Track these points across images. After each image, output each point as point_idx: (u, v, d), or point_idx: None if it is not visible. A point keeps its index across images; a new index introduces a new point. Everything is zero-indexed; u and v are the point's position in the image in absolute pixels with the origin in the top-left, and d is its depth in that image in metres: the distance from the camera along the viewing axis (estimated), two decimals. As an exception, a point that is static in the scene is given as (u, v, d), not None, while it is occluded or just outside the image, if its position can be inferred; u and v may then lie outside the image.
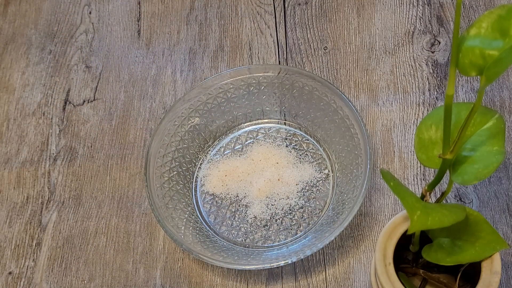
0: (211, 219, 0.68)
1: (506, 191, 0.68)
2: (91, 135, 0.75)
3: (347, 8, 0.82)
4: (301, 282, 0.65)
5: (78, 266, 0.67)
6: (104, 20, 0.84)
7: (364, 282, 0.64)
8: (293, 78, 0.71)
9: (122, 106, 0.77)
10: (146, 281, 0.66)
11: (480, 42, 0.42)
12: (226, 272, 0.66)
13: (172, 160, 0.69)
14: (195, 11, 0.84)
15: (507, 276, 0.64)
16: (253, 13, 0.83)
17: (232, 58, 0.79)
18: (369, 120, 0.74)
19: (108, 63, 0.80)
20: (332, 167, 0.70)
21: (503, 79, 0.75)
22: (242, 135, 0.73)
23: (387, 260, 0.51)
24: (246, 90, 0.72)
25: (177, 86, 0.78)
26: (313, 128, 0.72)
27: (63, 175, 0.73)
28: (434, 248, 0.52)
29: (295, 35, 0.80)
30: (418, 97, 0.75)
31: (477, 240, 0.51)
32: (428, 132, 0.50)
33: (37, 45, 0.82)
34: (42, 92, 0.78)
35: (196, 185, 0.71)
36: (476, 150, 0.49)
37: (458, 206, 0.48)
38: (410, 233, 0.46)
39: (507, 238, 0.66)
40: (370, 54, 0.78)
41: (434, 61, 0.77)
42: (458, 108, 0.50)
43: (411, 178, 0.70)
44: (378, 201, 0.69)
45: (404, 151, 0.71)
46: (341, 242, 0.67)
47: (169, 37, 0.82)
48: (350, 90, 0.76)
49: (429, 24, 0.80)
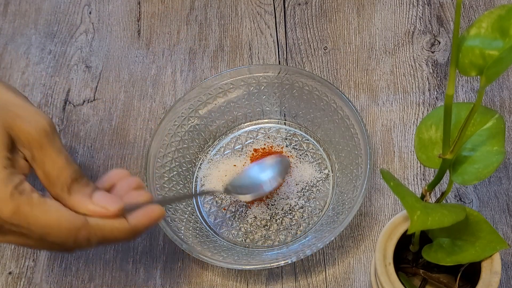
0: (211, 219, 0.68)
1: (506, 191, 0.68)
2: (91, 135, 0.75)
3: (347, 8, 0.82)
4: (301, 282, 0.65)
5: (78, 266, 0.67)
6: (104, 20, 0.84)
7: (364, 282, 0.64)
8: (293, 78, 0.71)
9: (122, 106, 0.77)
10: (146, 281, 0.66)
11: (480, 42, 0.42)
12: (226, 272, 0.66)
13: (172, 160, 0.69)
14: (195, 11, 0.84)
15: (507, 276, 0.64)
16: (253, 13, 0.83)
17: (232, 58, 0.79)
18: (369, 120, 0.74)
19: (108, 63, 0.80)
20: (332, 167, 0.70)
21: (503, 79, 0.75)
22: (242, 135, 0.73)
23: (387, 260, 0.51)
24: (246, 90, 0.72)
25: (177, 86, 0.78)
26: (313, 128, 0.72)
27: (63, 175, 0.73)
28: (434, 248, 0.52)
29: (295, 35, 0.80)
30: (418, 97, 0.75)
31: (477, 240, 0.51)
32: (428, 132, 0.51)
33: (37, 45, 0.82)
34: (42, 92, 0.78)
35: (196, 185, 0.71)
36: (476, 150, 0.49)
37: (458, 206, 0.48)
38: (410, 233, 0.46)
39: (507, 238, 0.66)
40: (370, 54, 0.78)
41: (434, 61, 0.77)
42: (458, 108, 0.50)
43: (411, 178, 0.70)
44: (378, 201, 0.69)
45: (404, 151, 0.71)
46: (341, 242, 0.67)
47: (169, 37, 0.82)
48: (350, 90, 0.76)
49: (429, 24, 0.80)
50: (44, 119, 0.46)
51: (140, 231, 0.50)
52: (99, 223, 0.47)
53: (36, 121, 0.46)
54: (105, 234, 0.48)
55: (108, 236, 0.48)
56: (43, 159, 0.46)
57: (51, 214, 0.44)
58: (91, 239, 0.47)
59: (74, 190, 0.47)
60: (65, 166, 0.47)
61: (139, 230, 0.50)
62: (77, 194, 0.48)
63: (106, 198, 0.49)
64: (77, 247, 0.47)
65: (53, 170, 0.46)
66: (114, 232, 0.48)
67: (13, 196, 0.43)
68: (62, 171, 0.47)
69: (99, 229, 0.47)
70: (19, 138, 0.45)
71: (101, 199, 0.48)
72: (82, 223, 0.46)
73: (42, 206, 0.44)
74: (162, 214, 0.51)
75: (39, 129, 0.46)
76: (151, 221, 0.50)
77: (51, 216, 0.44)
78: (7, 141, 0.44)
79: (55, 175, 0.46)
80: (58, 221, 0.44)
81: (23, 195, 0.44)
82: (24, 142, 0.45)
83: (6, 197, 0.43)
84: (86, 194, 0.48)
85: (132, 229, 0.49)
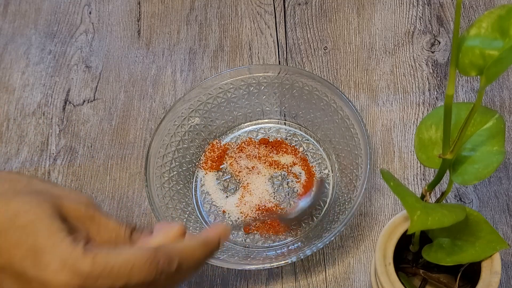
0: (211, 219, 0.68)
1: (506, 191, 0.68)
2: (91, 135, 0.75)
3: (347, 8, 0.82)
4: (301, 282, 0.65)
5: (78, 266, 0.67)
6: (104, 20, 0.84)
7: (364, 282, 0.64)
8: (293, 78, 0.71)
9: (122, 106, 0.77)
10: (146, 281, 0.66)
11: (480, 42, 0.42)
12: (226, 272, 0.66)
13: (172, 160, 0.69)
14: (195, 11, 0.84)
15: (507, 276, 0.64)
16: (253, 13, 0.83)
17: (232, 58, 0.79)
18: (369, 120, 0.74)
19: (108, 63, 0.80)
20: (332, 167, 0.70)
21: (503, 79, 0.75)
22: (242, 135, 0.73)
23: (387, 260, 0.51)
24: (246, 90, 0.72)
25: (177, 86, 0.78)
26: (313, 128, 0.72)
27: (63, 175, 0.73)
28: (434, 248, 0.52)
29: (295, 35, 0.80)
30: (418, 97, 0.75)
31: (477, 240, 0.51)
32: (428, 132, 0.50)
33: (37, 45, 0.82)
34: (42, 92, 0.78)
35: (196, 185, 0.71)
36: (476, 150, 0.49)
37: (458, 206, 0.48)
38: (410, 233, 0.46)
39: (507, 238, 0.66)
40: (370, 54, 0.78)
41: (434, 61, 0.77)
42: (458, 108, 0.50)
43: (411, 178, 0.70)
44: (378, 201, 0.69)
45: (404, 151, 0.71)
46: (341, 242, 0.67)
47: (169, 37, 0.82)
48: (350, 90, 0.76)
49: (429, 24, 0.80)
50: (84, 195, 0.49)
51: (214, 245, 0.50)
52: (171, 245, 0.48)
53: (78, 198, 0.48)
54: (181, 251, 0.48)
55: (186, 254, 0.48)
56: (98, 229, 0.48)
57: (125, 252, 0.45)
58: (172, 259, 0.47)
59: (135, 239, 0.49)
60: (118, 224, 0.48)
61: (212, 244, 0.50)
62: (139, 239, 0.49)
63: (165, 226, 0.50)
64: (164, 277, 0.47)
65: (111, 232, 0.48)
66: (188, 248, 0.48)
67: (86, 251, 0.44)
68: (118, 229, 0.48)
69: (173, 249, 0.48)
70: (70, 216, 0.46)
71: (161, 229, 0.50)
72: (156, 248, 0.47)
73: (115, 250, 0.45)
74: (227, 229, 0.52)
75: (85, 204, 0.47)
76: (219, 233, 0.51)
77: (126, 253, 0.45)
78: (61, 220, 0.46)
79: (114, 236, 0.48)
80: (134, 255, 0.45)
81: (94, 248, 0.45)
82: (74, 219, 0.47)
83: (79, 254, 0.44)
84: (146, 235, 0.49)
85: (203, 242, 0.49)
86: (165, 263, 0.46)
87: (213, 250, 0.51)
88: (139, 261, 0.45)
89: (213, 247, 0.51)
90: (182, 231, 0.50)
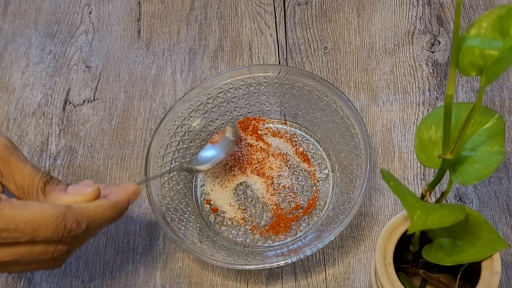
0: (211, 219, 0.68)
1: (506, 191, 0.68)
2: (91, 135, 0.75)
3: (347, 8, 0.82)
4: (301, 282, 0.65)
5: (78, 266, 0.67)
6: (104, 20, 0.84)
7: (364, 282, 0.65)
8: (293, 78, 0.71)
9: (122, 106, 0.77)
10: (146, 281, 0.66)
11: (480, 42, 0.42)
12: (226, 272, 0.66)
13: (172, 160, 0.69)
14: (195, 11, 0.84)
15: (507, 276, 0.64)
16: (253, 13, 0.83)
17: (232, 58, 0.79)
18: (369, 120, 0.74)
19: (108, 63, 0.80)
20: (332, 167, 0.70)
21: (503, 79, 0.75)
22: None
23: (387, 260, 0.51)
24: (246, 90, 0.72)
25: (177, 86, 0.78)
26: (313, 128, 0.72)
27: (63, 175, 0.73)
28: (434, 248, 0.52)
29: (295, 35, 0.80)
30: (418, 97, 0.75)
31: (477, 240, 0.51)
32: (428, 132, 0.51)
33: (37, 45, 0.82)
34: (42, 92, 0.78)
35: (196, 185, 0.71)
36: (476, 150, 0.49)
37: (458, 206, 0.48)
38: (410, 233, 0.46)
39: (507, 238, 0.66)
40: (370, 54, 0.78)
41: (434, 61, 0.77)
42: (458, 108, 0.50)
43: (411, 178, 0.70)
44: (378, 201, 0.69)
45: (404, 151, 0.71)
46: (341, 242, 0.67)
47: (169, 37, 0.82)
48: (350, 90, 0.76)
49: (429, 24, 0.80)
50: (2, 137, 0.49)
51: (123, 207, 0.53)
52: (82, 205, 0.50)
53: None
54: (90, 214, 0.49)
55: (95, 215, 0.50)
56: (12, 172, 0.48)
57: (33, 208, 0.46)
58: (80, 221, 0.48)
59: (48, 191, 0.50)
60: (34, 172, 0.49)
61: (121, 206, 0.53)
62: (52, 192, 0.50)
63: (79, 186, 0.51)
64: (71, 237, 0.48)
65: (24, 179, 0.49)
66: (98, 210, 0.50)
67: None
68: (32, 178, 0.49)
69: (83, 210, 0.49)
70: None
71: (75, 188, 0.51)
72: (65, 208, 0.48)
73: (23, 205, 0.46)
74: (137, 189, 0.55)
75: (3, 146, 0.48)
76: (128, 194, 0.53)
77: (34, 210, 0.46)
78: None
79: (27, 184, 0.49)
80: (42, 212, 0.46)
81: (1, 201, 0.45)
82: None
83: None
84: (60, 190, 0.51)
85: (113, 204, 0.52)
86: (73, 224, 0.47)
87: (123, 212, 0.53)
88: (46, 220, 0.46)
89: (123, 208, 0.53)
90: (96, 194, 0.51)
